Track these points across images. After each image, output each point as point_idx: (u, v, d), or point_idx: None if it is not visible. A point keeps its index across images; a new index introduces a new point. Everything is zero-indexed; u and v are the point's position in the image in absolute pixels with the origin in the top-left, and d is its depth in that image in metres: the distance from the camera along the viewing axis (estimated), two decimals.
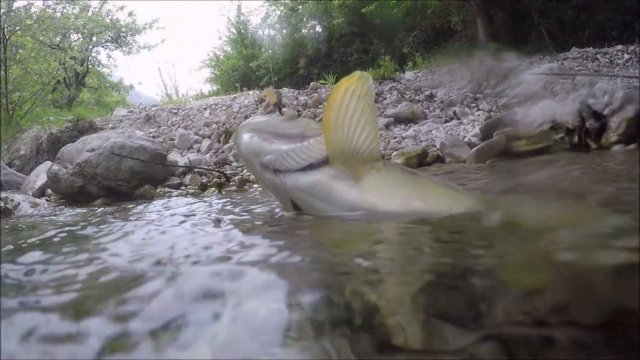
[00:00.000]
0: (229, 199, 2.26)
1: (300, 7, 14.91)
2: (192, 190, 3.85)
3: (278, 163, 1.14)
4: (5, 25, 10.36)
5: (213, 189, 3.80)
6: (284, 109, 1.35)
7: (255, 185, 3.67)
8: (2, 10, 10.57)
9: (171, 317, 0.55)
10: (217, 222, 1.25)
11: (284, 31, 15.28)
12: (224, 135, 5.97)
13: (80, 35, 14.45)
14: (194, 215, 1.49)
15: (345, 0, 12.99)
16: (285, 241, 0.98)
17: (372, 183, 1.06)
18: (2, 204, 3.21)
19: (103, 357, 0.48)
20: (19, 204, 3.06)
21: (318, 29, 14.80)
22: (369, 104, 1.02)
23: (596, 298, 0.53)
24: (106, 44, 15.82)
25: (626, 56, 7.76)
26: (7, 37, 10.30)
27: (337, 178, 1.08)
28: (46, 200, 4.16)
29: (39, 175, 4.97)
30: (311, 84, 8.33)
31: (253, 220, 1.34)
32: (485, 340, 0.44)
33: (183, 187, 4.05)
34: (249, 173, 4.08)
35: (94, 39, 14.86)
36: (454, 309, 0.52)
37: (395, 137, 5.03)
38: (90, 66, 15.47)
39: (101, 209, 2.83)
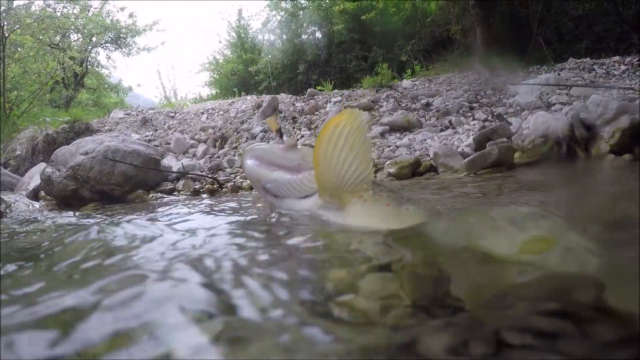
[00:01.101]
0: None
1: (301, 12, 14.97)
2: (185, 196, 3.84)
3: (277, 191, 1.30)
4: (5, 23, 10.36)
5: (205, 195, 3.80)
6: (285, 137, 1.53)
7: (247, 193, 3.67)
8: (2, 9, 10.58)
9: None
10: None
11: (284, 36, 15.32)
12: (219, 140, 5.97)
13: (80, 36, 14.47)
14: None
15: (345, 6, 13.05)
16: None
17: (354, 214, 1.10)
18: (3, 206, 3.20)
19: None
20: (10, 205, 3.04)
21: (318, 35, 14.85)
22: (359, 139, 1.06)
23: None
24: (106, 44, 15.82)
25: (623, 67, 7.79)
26: (6, 35, 10.30)
27: (324, 208, 1.18)
28: (41, 202, 4.14)
29: (33, 177, 4.96)
30: (308, 90, 8.34)
31: None
32: None
33: (176, 193, 4.05)
34: (242, 180, 4.08)
35: (94, 39, 14.87)
36: None
37: (389, 146, 5.04)
38: (89, 67, 15.47)
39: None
